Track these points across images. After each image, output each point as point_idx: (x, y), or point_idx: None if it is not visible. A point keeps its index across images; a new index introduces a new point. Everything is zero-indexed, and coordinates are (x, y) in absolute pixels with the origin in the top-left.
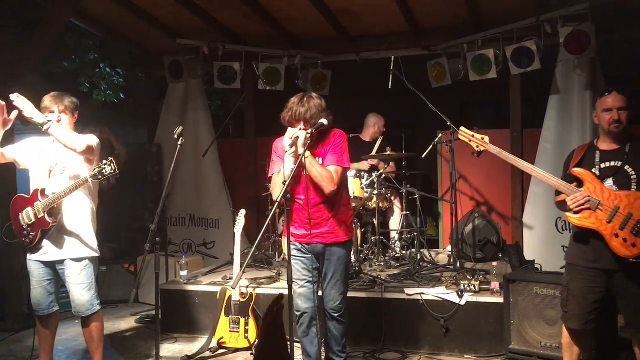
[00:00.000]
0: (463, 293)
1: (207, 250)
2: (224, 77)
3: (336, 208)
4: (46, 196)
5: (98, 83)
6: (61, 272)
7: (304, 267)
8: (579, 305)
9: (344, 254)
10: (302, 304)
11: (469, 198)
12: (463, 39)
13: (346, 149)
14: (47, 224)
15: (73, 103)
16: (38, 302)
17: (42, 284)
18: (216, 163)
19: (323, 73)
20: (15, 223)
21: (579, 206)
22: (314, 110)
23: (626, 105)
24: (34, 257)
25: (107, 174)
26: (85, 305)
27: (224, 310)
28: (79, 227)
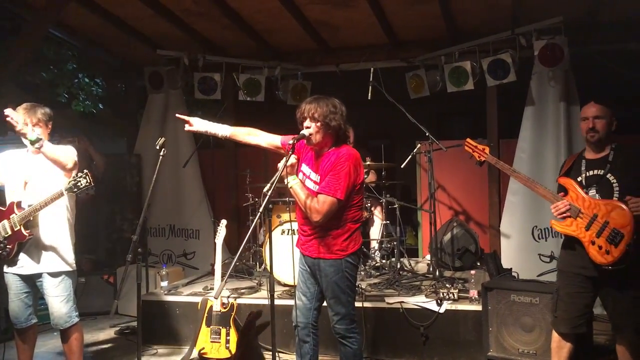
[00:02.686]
0: (442, 301)
1: (187, 260)
2: (205, 87)
3: (328, 223)
4: (22, 209)
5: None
6: (39, 284)
7: (302, 279)
8: (567, 310)
9: (333, 271)
10: (295, 316)
11: (447, 207)
12: (440, 51)
13: (346, 177)
14: (23, 237)
15: (46, 114)
16: (16, 315)
17: (19, 297)
18: (197, 173)
19: (303, 84)
20: None
21: (560, 214)
22: (324, 109)
23: (603, 115)
24: (11, 270)
25: (82, 186)
26: (64, 317)
27: (204, 320)
28: (56, 240)
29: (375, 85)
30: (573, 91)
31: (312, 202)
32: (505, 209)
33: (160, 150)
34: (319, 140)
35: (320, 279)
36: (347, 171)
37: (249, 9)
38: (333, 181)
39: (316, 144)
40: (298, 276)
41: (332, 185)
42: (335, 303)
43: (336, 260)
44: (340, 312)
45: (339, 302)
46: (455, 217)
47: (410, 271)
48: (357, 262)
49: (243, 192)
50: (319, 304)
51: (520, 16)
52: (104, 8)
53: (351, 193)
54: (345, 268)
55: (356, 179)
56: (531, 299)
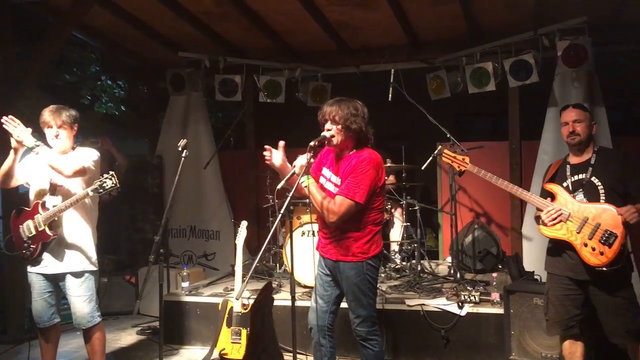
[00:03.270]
0: (463, 304)
1: (208, 261)
2: (225, 89)
3: (349, 226)
4: (47, 209)
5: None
6: (62, 284)
7: (320, 282)
8: (557, 312)
9: (354, 274)
10: (311, 317)
11: (468, 209)
12: (462, 52)
13: (366, 180)
14: (47, 237)
15: (71, 116)
16: (39, 314)
17: (43, 296)
18: (217, 175)
19: (323, 85)
20: (15, 235)
21: (553, 219)
22: (345, 111)
23: (582, 118)
24: (35, 269)
25: (107, 187)
26: (86, 317)
27: (225, 321)
28: (79, 240)
29: (396, 86)
30: (597, 92)
31: (328, 203)
32: (528, 211)
33: (182, 151)
34: (339, 143)
35: (340, 281)
36: (368, 174)
37: (270, 10)
38: (353, 184)
39: (337, 146)
40: (316, 279)
41: (352, 188)
42: (356, 305)
43: (357, 263)
44: (361, 315)
45: (360, 304)
46: (477, 219)
47: (430, 273)
48: (379, 265)
49: (263, 193)
50: (335, 307)
51: (543, 16)
52: (127, 11)
53: (372, 196)
54: (366, 270)
55: (377, 182)
56: None
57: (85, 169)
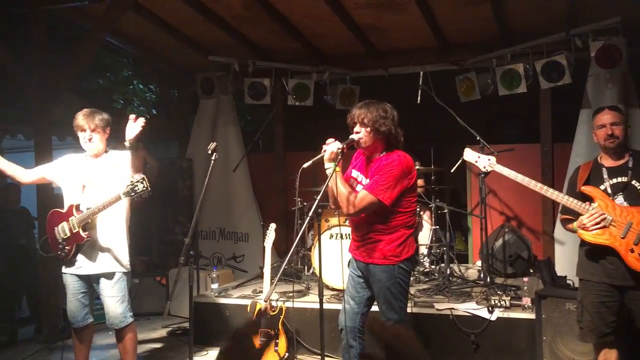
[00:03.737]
0: (494, 308)
1: (237, 263)
2: (254, 93)
3: (380, 228)
4: (81, 211)
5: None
6: (95, 285)
7: (352, 283)
8: (593, 320)
9: (385, 277)
10: (342, 318)
11: (498, 213)
12: (492, 54)
13: (391, 180)
14: (81, 239)
15: (104, 120)
16: (73, 314)
17: (77, 297)
18: (246, 177)
19: (351, 88)
20: (51, 237)
21: (596, 224)
22: (374, 114)
23: (619, 121)
24: (69, 270)
25: (139, 191)
26: (119, 317)
27: None
28: (112, 242)
29: (425, 88)
30: (632, 93)
31: (350, 194)
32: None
33: (212, 154)
34: (368, 145)
35: (372, 284)
36: (395, 175)
37: (298, 14)
38: (378, 181)
39: (366, 149)
40: (347, 280)
41: (377, 186)
42: (387, 309)
43: (389, 266)
44: (392, 318)
45: (391, 308)
46: (507, 223)
47: (460, 277)
48: (411, 269)
49: (292, 195)
50: (367, 309)
51: (575, 17)
52: (158, 16)
53: (400, 198)
54: (398, 274)
55: (406, 184)
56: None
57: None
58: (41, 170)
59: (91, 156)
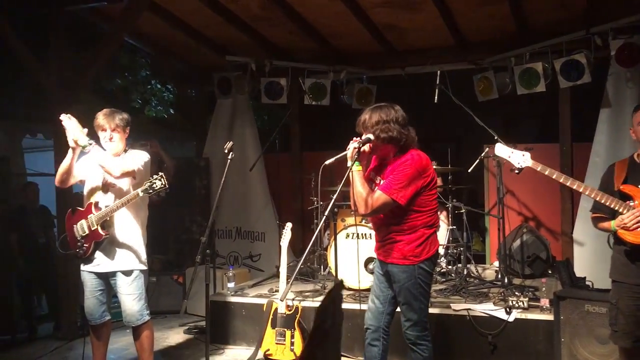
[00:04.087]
0: (511, 309)
1: (253, 262)
2: (271, 92)
3: (399, 228)
4: (99, 209)
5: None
6: (113, 282)
7: (377, 282)
8: (628, 323)
9: (405, 277)
10: (367, 317)
11: (516, 213)
12: (510, 53)
13: (405, 180)
14: (100, 236)
15: (124, 120)
16: (91, 312)
17: (94, 294)
18: (263, 177)
19: (368, 88)
20: (69, 234)
21: (638, 222)
22: (374, 119)
23: None
24: (87, 267)
25: (157, 188)
26: (136, 315)
27: (270, 322)
28: (130, 240)
29: (442, 88)
30: None
31: (367, 194)
32: (579, 215)
33: (228, 154)
34: (377, 151)
35: (393, 284)
36: (408, 174)
37: (315, 13)
38: (392, 181)
39: (377, 154)
40: (373, 279)
41: (391, 186)
42: (407, 309)
43: (409, 267)
44: (412, 319)
45: (411, 308)
46: (525, 223)
47: (477, 278)
48: (432, 269)
49: (308, 195)
50: (392, 309)
51: (595, 15)
52: (176, 16)
53: (416, 197)
54: (418, 274)
55: (421, 183)
56: (607, 310)
57: (135, 172)
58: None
59: (111, 155)
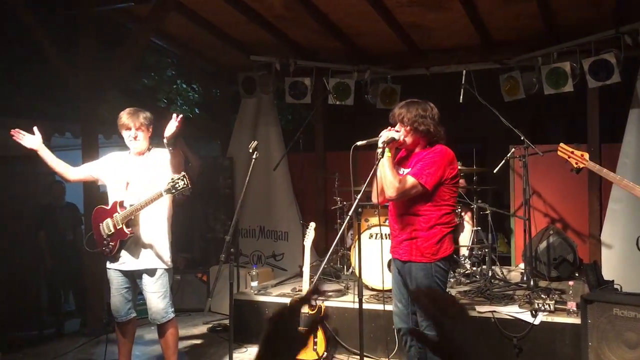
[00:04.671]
0: (537, 312)
1: (276, 262)
2: (295, 92)
3: (416, 225)
4: (124, 208)
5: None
6: (138, 280)
7: (396, 284)
8: None
9: (422, 275)
10: (396, 321)
11: (542, 214)
12: (537, 52)
13: (434, 167)
14: (125, 235)
15: (147, 119)
16: (117, 309)
17: (120, 292)
18: (286, 176)
19: (392, 87)
20: (96, 233)
21: None
22: (413, 114)
23: None
24: (113, 265)
25: (180, 188)
26: (161, 312)
27: None
28: (155, 239)
29: (468, 87)
30: None
31: (394, 177)
32: (607, 217)
33: (253, 153)
34: (408, 143)
35: (409, 282)
36: (437, 162)
37: (339, 12)
38: (421, 167)
39: (406, 146)
40: (392, 282)
41: (419, 171)
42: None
43: (426, 264)
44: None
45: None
46: (552, 225)
47: (502, 280)
48: (448, 268)
49: (331, 195)
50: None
51: (624, 13)
52: (202, 16)
53: (439, 186)
54: (435, 273)
55: (447, 174)
56: (636, 314)
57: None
58: (87, 168)
59: (135, 154)
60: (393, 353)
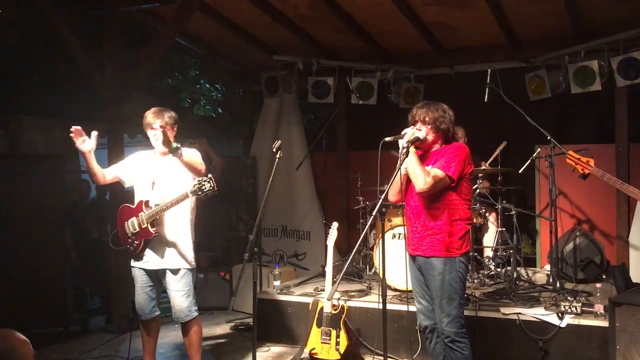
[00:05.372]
0: (564, 315)
1: (298, 261)
2: (318, 91)
3: (441, 220)
4: (150, 207)
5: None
6: (162, 279)
7: (416, 282)
8: None
9: (444, 269)
10: (419, 319)
11: (569, 215)
12: (564, 50)
13: (457, 160)
14: (150, 234)
15: (172, 118)
16: (141, 307)
17: (144, 290)
18: (309, 176)
19: (416, 87)
20: (121, 231)
21: None
22: (435, 114)
23: None
24: (138, 264)
25: (206, 190)
26: (184, 311)
27: (315, 321)
28: (179, 239)
29: (493, 87)
30: None
31: (424, 171)
32: (635, 218)
33: (276, 152)
34: (429, 142)
35: (431, 278)
36: (459, 155)
37: (363, 12)
38: (445, 161)
39: (428, 145)
40: (411, 281)
41: (444, 164)
42: (447, 303)
43: (451, 259)
44: (451, 314)
45: (451, 302)
46: (578, 226)
47: (527, 281)
48: (468, 264)
49: (354, 194)
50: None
51: None
52: (225, 16)
53: (461, 178)
54: (458, 267)
55: (467, 168)
56: None
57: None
58: (115, 170)
59: (160, 154)
60: (416, 354)
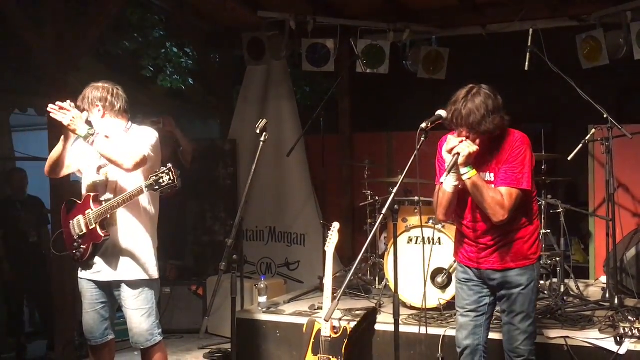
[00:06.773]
0: (623, 339)
1: (290, 271)
2: (314, 57)
3: (516, 224)
4: (99, 204)
5: (163, 66)
6: (117, 294)
7: (469, 293)
8: None
9: (526, 279)
10: (460, 337)
11: (631, 214)
12: (626, 5)
13: (527, 162)
14: (99, 237)
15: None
16: (90, 329)
17: (94, 308)
18: (303, 164)
19: (438, 51)
20: (66, 232)
21: None
22: (480, 113)
23: None
24: (86, 275)
25: (164, 184)
26: (145, 335)
27: (311, 347)
28: (136, 244)
29: (535, 51)
30: None
31: (495, 194)
32: None
33: (261, 135)
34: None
35: (508, 292)
36: (527, 156)
37: None
38: (514, 170)
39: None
40: (458, 291)
41: (514, 175)
42: (525, 319)
43: (529, 267)
44: (527, 331)
45: (529, 317)
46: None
47: (578, 297)
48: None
49: (360, 188)
50: (489, 322)
51: None
52: None
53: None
54: (537, 275)
55: (533, 161)
56: None
57: (146, 158)
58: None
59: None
60: None
